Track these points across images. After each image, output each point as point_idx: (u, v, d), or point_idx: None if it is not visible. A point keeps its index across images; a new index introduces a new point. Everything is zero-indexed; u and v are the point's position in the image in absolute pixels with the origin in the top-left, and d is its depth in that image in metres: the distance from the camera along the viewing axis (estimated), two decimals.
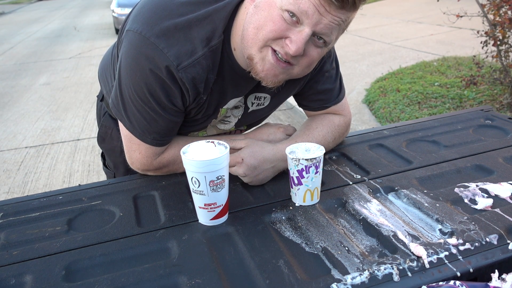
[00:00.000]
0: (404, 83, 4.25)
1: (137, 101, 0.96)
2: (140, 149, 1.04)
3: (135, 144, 1.03)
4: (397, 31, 7.02)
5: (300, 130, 1.14)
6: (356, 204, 0.94)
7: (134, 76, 0.92)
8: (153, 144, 1.02)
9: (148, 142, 1.02)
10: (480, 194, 0.94)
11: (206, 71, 0.93)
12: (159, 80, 0.91)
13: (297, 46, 0.84)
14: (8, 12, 18.62)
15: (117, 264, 0.81)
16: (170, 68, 0.89)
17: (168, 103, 0.95)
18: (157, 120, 0.98)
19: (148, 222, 0.94)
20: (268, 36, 0.85)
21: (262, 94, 1.09)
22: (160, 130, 1.00)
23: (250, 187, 1.05)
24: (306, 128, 1.14)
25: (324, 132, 1.14)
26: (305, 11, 0.82)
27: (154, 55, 0.88)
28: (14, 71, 7.15)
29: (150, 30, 0.88)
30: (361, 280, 0.72)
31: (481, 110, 1.43)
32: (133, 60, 0.91)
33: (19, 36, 11.26)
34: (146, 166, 1.08)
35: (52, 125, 4.47)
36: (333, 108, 1.18)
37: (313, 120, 1.17)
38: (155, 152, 1.05)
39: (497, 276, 0.73)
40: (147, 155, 1.05)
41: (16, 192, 3.12)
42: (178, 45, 0.88)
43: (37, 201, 1.05)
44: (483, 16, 3.55)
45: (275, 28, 0.84)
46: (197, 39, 0.90)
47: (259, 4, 0.87)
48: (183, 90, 0.93)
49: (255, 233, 0.87)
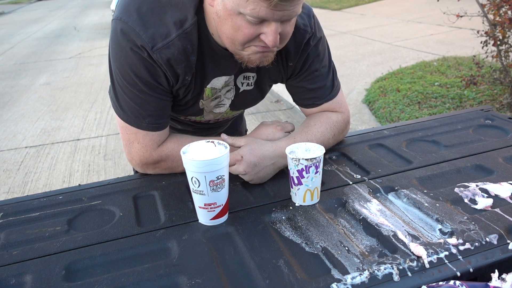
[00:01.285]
0: (404, 83, 4.25)
1: (125, 86, 0.99)
2: (138, 138, 1.05)
3: (132, 134, 1.05)
4: (397, 31, 7.02)
5: (299, 128, 1.15)
6: (356, 204, 0.94)
7: (119, 60, 0.97)
8: (149, 129, 1.04)
9: (143, 128, 1.04)
10: (480, 194, 0.94)
11: (183, 53, 0.96)
12: (141, 58, 0.95)
13: (272, 38, 0.87)
14: (8, 12, 18.61)
15: (117, 264, 0.81)
16: (147, 49, 0.93)
17: (154, 81, 0.98)
18: (148, 102, 1.00)
19: (148, 222, 0.94)
20: (244, 42, 0.90)
21: (249, 73, 1.11)
22: (153, 112, 1.02)
23: (250, 187, 1.05)
24: (305, 126, 1.14)
25: (323, 129, 1.14)
26: (265, 16, 0.84)
27: (133, 36, 0.93)
28: (14, 71, 7.14)
29: (129, 16, 0.94)
30: (361, 280, 0.72)
31: (481, 110, 1.44)
32: (116, 45, 0.97)
33: (19, 36, 11.26)
34: (145, 159, 1.08)
35: (52, 125, 4.47)
36: (328, 105, 1.18)
37: (311, 118, 1.18)
38: (152, 139, 1.06)
39: (497, 276, 0.73)
40: (145, 144, 1.06)
41: (16, 192, 3.12)
42: (153, 28, 0.93)
43: (37, 201, 1.05)
44: (483, 16, 3.55)
45: (246, 35, 0.88)
46: (171, 23, 0.94)
47: (220, 14, 0.89)
48: (163, 70, 0.97)
49: (255, 233, 0.87)
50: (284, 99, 4.59)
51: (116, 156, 3.59)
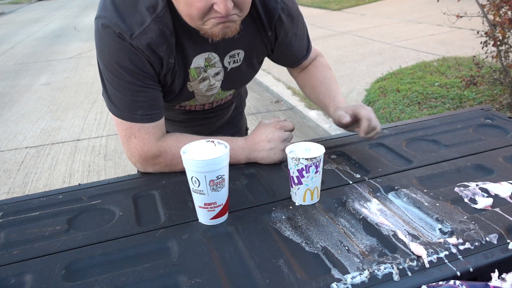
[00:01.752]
0: (404, 83, 4.25)
1: (113, 81, 1.01)
2: (134, 132, 1.06)
3: (128, 129, 1.06)
4: (397, 31, 7.02)
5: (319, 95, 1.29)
6: (356, 204, 0.94)
7: (103, 54, 1.00)
8: (143, 121, 1.05)
9: (137, 120, 1.05)
10: (480, 194, 0.94)
11: (161, 36, 0.98)
12: (123, 48, 0.97)
13: (223, 5, 0.89)
14: (8, 12, 18.61)
15: (117, 264, 0.81)
16: (126, 37, 0.96)
17: (139, 70, 0.99)
18: (137, 92, 1.02)
19: (148, 221, 0.94)
20: (200, 16, 0.92)
21: (234, 51, 1.12)
22: (144, 103, 1.04)
23: (250, 186, 1.05)
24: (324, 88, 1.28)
25: (330, 74, 1.29)
26: None
27: (113, 27, 0.96)
28: (14, 71, 7.15)
29: (106, 11, 0.98)
30: (361, 280, 0.72)
31: (481, 109, 1.43)
32: (99, 40, 1.00)
33: (19, 36, 11.26)
34: (144, 153, 1.08)
35: (52, 125, 4.47)
36: (306, 61, 1.29)
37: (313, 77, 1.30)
38: (148, 132, 1.06)
39: (497, 275, 0.73)
40: (142, 138, 1.06)
41: (16, 192, 3.12)
42: (129, 17, 0.97)
43: (37, 201, 1.05)
44: (483, 16, 3.55)
45: (199, 8, 0.90)
46: (144, 10, 0.97)
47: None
48: (145, 57, 0.99)
49: (255, 233, 0.87)
50: (284, 100, 4.59)
51: (116, 157, 3.59)
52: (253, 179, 1.09)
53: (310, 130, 3.85)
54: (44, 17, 15.34)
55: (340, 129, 3.76)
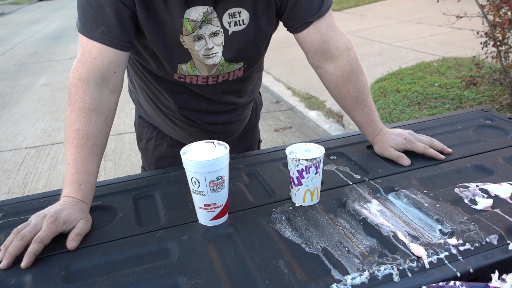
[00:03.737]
0: (404, 84, 4.25)
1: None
2: (90, 49, 0.96)
3: (86, 47, 0.97)
4: (397, 32, 7.03)
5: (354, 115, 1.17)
6: (356, 204, 0.94)
7: None
8: (102, 41, 0.96)
9: (96, 38, 0.96)
10: (480, 194, 0.94)
11: None
12: None
13: None
14: (8, 12, 18.62)
15: (117, 265, 0.81)
16: None
17: None
18: (103, 6, 0.94)
19: (148, 222, 0.94)
20: None
21: (234, 9, 1.02)
22: (108, 21, 0.95)
23: (250, 187, 1.05)
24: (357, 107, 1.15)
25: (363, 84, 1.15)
26: None
27: None
28: (14, 72, 7.15)
29: None
30: (361, 281, 0.72)
31: (481, 110, 1.43)
32: None
33: (19, 36, 11.26)
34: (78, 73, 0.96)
35: (52, 125, 4.47)
36: (322, 26, 1.09)
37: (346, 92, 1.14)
38: (102, 56, 0.96)
39: (497, 276, 0.73)
40: (91, 56, 0.96)
41: (16, 192, 3.12)
42: None
43: (37, 201, 1.05)
44: (483, 17, 3.55)
45: None
46: None
47: None
48: None
49: (255, 233, 0.87)
50: (284, 100, 4.59)
51: (116, 157, 3.59)
52: (253, 179, 1.09)
53: (310, 130, 3.85)
54: (44, 18, 15.34)
55: (340, 129, 3.77)
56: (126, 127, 4.15)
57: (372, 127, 1.17)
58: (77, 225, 0.89)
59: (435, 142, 1.15)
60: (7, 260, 0.80)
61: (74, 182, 0.92)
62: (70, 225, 0.88)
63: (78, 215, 0.90)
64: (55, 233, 0.85)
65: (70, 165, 0.93)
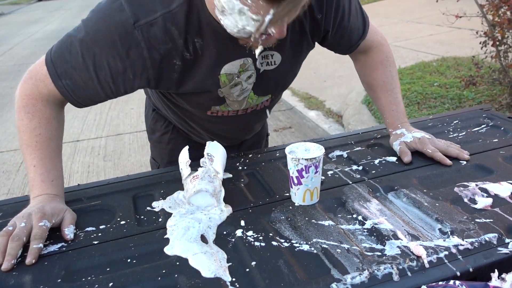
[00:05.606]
0: (404, 84, 4.25)
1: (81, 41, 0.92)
2: (46, 81, 0.94)
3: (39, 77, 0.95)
4: (396, 31, 7.03)
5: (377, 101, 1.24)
6: (356, 204, 0.94)
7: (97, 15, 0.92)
8: (60, 89, 0.93)
9: (57, 84, 0.93)
10: (480, 194, 0.94)
11: (166, 34, 0.89)
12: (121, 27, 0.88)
13: (281, 33, 0.81)
14: (8, 12, 18.60)
15: (117, 264, 0.81)
16: (128, 24, 0.88)
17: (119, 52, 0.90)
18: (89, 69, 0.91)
19: (147, 222, 0.94)
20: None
21: (267, 52, 1.01)
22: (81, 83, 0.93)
23: (250, 186, 1.05)
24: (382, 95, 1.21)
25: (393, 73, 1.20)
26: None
27: (118, 14, 0.88)
28: (14, 72, 7.14)
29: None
30: (361, 280, 0.72)
31: (480, 109, 1.44)
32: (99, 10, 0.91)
33: (18, 37, 11.25)
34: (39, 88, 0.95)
35: None
36: (364, 43, 1.17)
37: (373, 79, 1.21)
38: (50, 94, 0.95)
39: (496, 275, 0.73)
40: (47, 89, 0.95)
41: (16, 193, 3.12)
42: (139, 6, 0.89)
43: None
44: (482, 16, 3.55)
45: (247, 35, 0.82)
46: (158, 1, 0.89)
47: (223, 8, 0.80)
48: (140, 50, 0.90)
49: (255, 233, 0.87)
50: (284, 100, 4.59)
51: (116, 157, 3.58)
52: (253, 179, 1.09)
53: (309, 130, 3.85)
54: (43, 18, 15.33)
55: (340, 129, 3.77)
56: (125, 128, 4.14)
57: (393, 117, 1.21)
58: (64, 216, 0.92)
59: (450, 149, 1.11)
60: (8, 262, 0.81)
61: (46, 179, 0.95)
62: (58, 217, 0.91)
63: (62, 206, 0.94)
64: (48, 227, 0.87)
65: (38, 166, 0.95)
